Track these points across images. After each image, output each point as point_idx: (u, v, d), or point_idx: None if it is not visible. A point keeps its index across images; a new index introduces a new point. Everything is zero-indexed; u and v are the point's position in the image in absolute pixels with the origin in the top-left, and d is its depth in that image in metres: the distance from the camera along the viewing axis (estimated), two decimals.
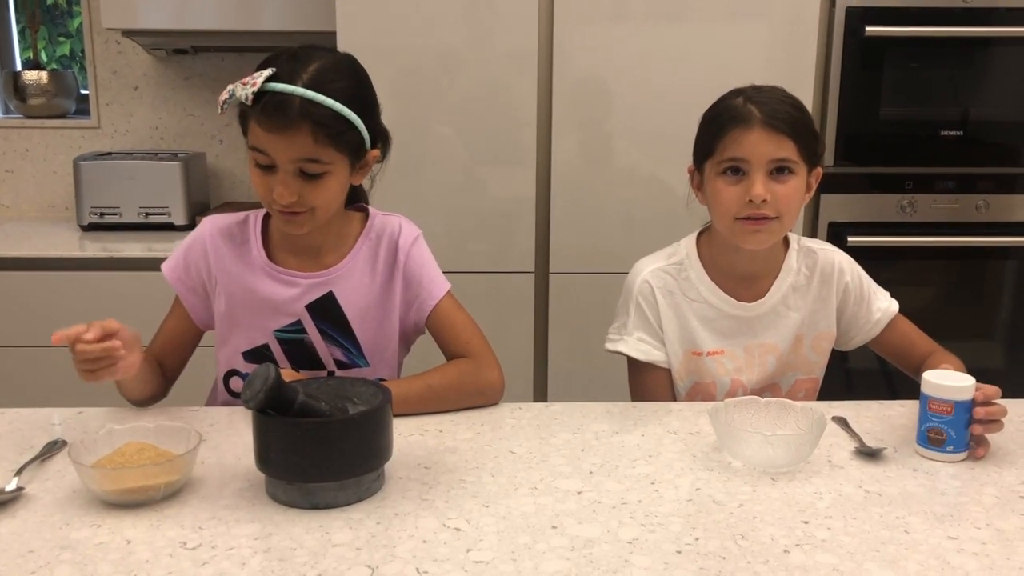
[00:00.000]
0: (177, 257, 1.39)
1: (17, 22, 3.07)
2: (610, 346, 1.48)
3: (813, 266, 1.46)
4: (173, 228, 2.59)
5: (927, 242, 2.37)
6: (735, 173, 1.35)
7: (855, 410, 1.33)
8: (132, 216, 2.59)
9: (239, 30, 2.49)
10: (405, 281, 1.38)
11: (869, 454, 1.17)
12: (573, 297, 2.29)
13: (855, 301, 1.47)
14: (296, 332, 1.36)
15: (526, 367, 2.32)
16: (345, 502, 1.02)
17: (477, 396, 1.34)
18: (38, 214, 2.93)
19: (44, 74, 2.84)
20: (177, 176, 2.59)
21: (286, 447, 1.01)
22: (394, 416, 1.08)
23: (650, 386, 1.46)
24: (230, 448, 1.18)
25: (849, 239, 2.30)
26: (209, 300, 1.38)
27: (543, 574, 0.89)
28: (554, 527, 0.98)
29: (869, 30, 2.25)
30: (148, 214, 2.59)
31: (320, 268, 1.36)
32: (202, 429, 1.17)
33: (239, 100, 1.20)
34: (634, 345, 1.45)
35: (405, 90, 2.19)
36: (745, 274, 1.44)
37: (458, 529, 0.98)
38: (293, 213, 1.27)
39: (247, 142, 1.26)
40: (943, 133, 2.36)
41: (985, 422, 1.16)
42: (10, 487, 1.05)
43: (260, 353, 1.37)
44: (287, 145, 1.21)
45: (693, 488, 1.08)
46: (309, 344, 1.37)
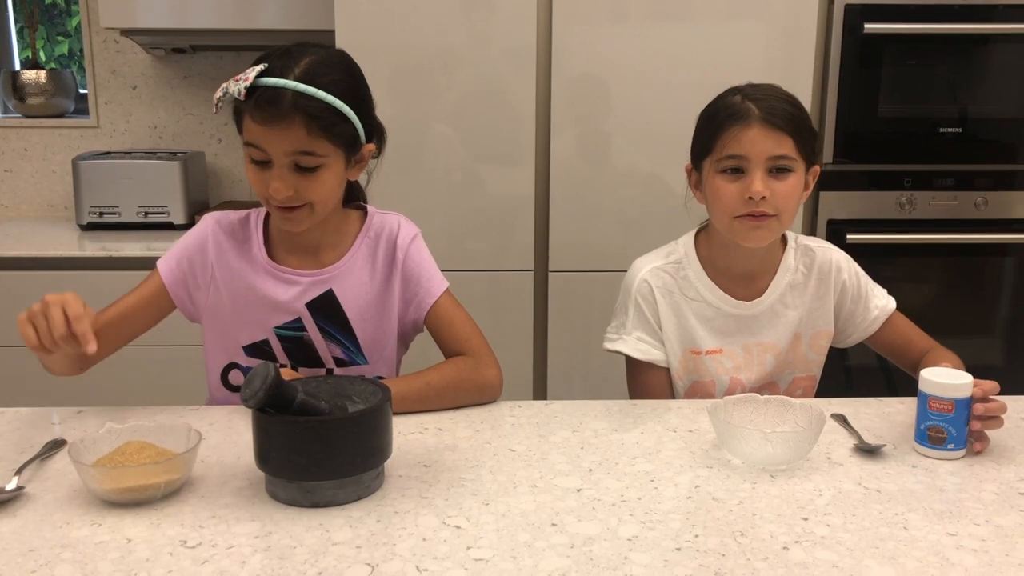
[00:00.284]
0: (176, 254, 1.37)
1: (15, 21, 3.07)
2: (609, 345, 1.48)
3: (811, 264, 1.46)
4: (172, 227, 2.60)
5: (926, 239, 2.38)
6: (734, 171, 1.35)
7: (854, 407, 1.33)
8: (131, 215, 2.59)
9: (237, 29, 2.50)
10: (404, 279, 1.39)
11: (868, 451, 1.18)
12: (572, 295, 2.29)
13: (853, 299, 1.47)
14: (296, 329, 1.36)
15: (525, 365, 2.32)
16: (345, 500, 1.02)
17: (476, 394, 1.34)
18: (37, 214, 2.93)
19: (43, 73, 2.84)
20: (176, 175, 2.59)
21: (286, 446, 1.01)
22: (393, 414, 1.09)
23: (649, 385, 1.46)
24: (230, 447, 1.18)
25: (848, 236, 2.30)
26: (202, 295, 1.37)
27: (543, 572, 0.89)
28: (554, 525, 0.98)
29: (868, 27, 2.25)
30: (147, 213, 2.59)
31: (319, 266, 1.36)
32: (202, 428, 1.17)
33: (232, 96, 1.21)
34: (633, 344, 1.45)
35: (404, 89, 2.19)
36: (743, 273, 1.44)
37: (458, 527, 0.98)
38: (291, 209, 1.27)
39: (242, 139, 1.26)
40: (942, 130, 2.36)
41: (984, 418, 1.16)
42: (10, 486, 1.05)
43: (260, 348, 1.37)
44: (281, 138, 1.21)
45: (692, 485, 1.08)
46: (308, 342, 1.37)
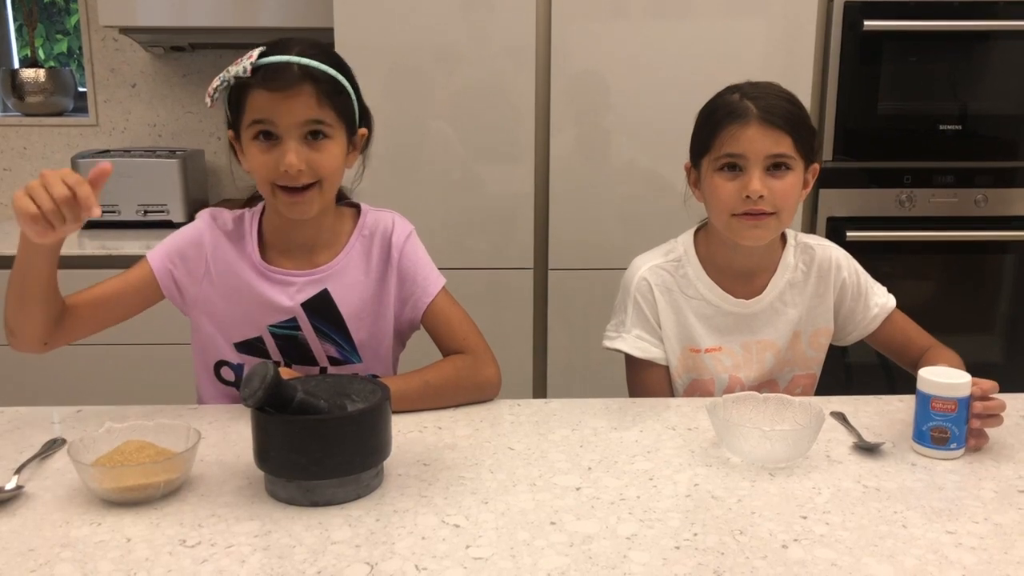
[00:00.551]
0: (168, 246, 1.36)
1: (14, 20, 3.07)
2: (608, 343, 1.48)
3: (810, 262, 1.46)
4: (172, 225, 2.59)
5: (926, 237, 2.37)
6: (732, 169, 1.35)
7: (853, 405, 1.33)
8: (131, 214, 2.59)
9: (236, 27, 2.49)
10: (400, 278, 1.38)
11: (867, 449, 1.18)
12: (572, 293, 2.29)
13: (852, 297, 1.47)
14: (290, 328, 1.36)
15: (525, 363, 2.32)
16: (344, 499, 1.03)
17: (474, 392, 1.34)
18: None
19: (42, 72, 2.84)
20: (175, 173, 2.59)
21: (285, 444, 1.01)
22: (392, 413, 1.08)
23: (648, 383, 1.46)
24: (229, 446, 1.18)
25: (848, 234, 2.30)
26: (194, 288, 1.35)
27: (542, 570, 0.89)
28: (553, 523, 0.98)
29: (867, 24, 2.25)
30: (147, 212, 2.59)
31: (313, 266, 1.36)
32: (201, 427, 1.17)
33: (233, 78, 1.23)
34: (632, 343, 1.45)
35: (403, 86, 2.18)
36: (742, 271, 1.44)
37: (457, 526, 0.98)
38: (299, 191, 1.26)
39: (243, 123, 1.26)
40: (941, 127, 2.36)
41: (984, 416, 1.16)
42: (10, 486, 1.05)
43: (253, 345, 1.37)
44: (292, 107, 1.23)
45: (691, 484, 1.08)
46: (303, 340, 1.37)
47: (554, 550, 0.93)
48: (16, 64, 3.08)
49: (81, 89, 2.96)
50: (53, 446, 1.17)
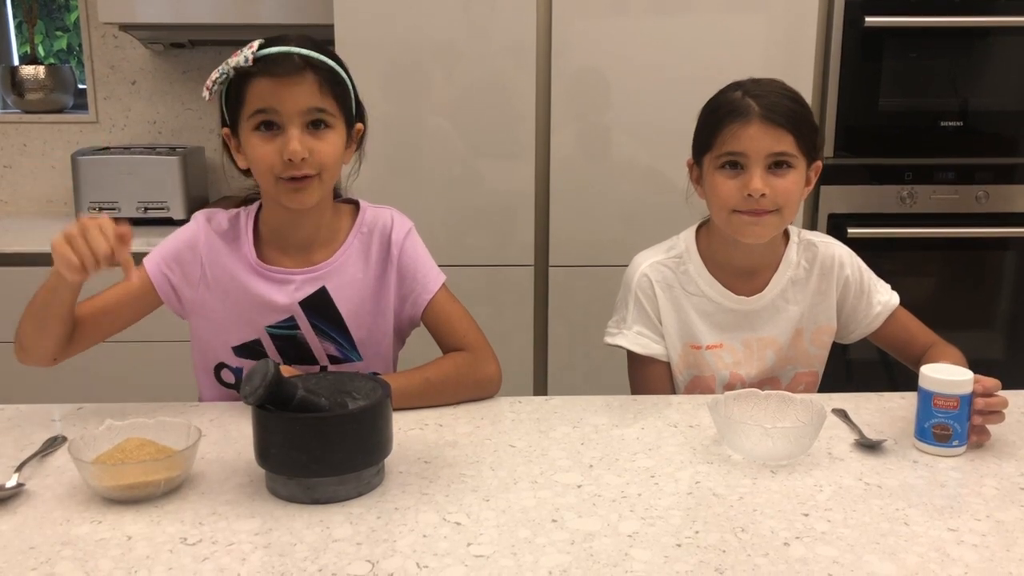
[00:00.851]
0: (164, 250, 1.36)
1: (14, 16, 3.06)
2: (609, 340, 1.48)
3: (813, 259, 1.46)
4: (172, 223, 2.59)
5: (927, 233, 2.37)
6: (733, 167, 1.35)
7: (855, 402, 1.33)
8: (131, 211, 2.58)
9: (236, 24, 2.49)
10: (399, 275, 1.38)
11: (869, 446, 1.17)
12: (573, 290, 2.29)
13: (855, 295, 1.47)
14: (289, 328, 1.35)
15: (526, 361, 2.32)
16: (345, 497, 1.02)
17: (475, 389, 1.34)
18: (36, 209, 2.92)
19: (41, 69, 2.83)
20: (175, 170, 2.59)
21: (286, 442, 1.01)
22: (393, 410, 1.08)
23: (649, 380, 1.46)
24: (230, 444, 1.18)
25: (849, 230, 2.29)
26: (191, 292, 1.35)
27: (543, 568, 0.89)
28: (554, 521, 0.98)
29: (868, 21, 2.24)
30: (147, 209, 2.59)
31: (311, 264, 1.35)
32: (202, 425, 1.17)
33: (236, 66, 1.24)
34: (633, 339, 1.45)
35: (403, 84, 2.18)
36: (744, 268, 1.44)
37: (458, 523, 0.98)
38: (300, 180, 1.26)
39: (243, 114, 1.26)
40: (943, 124, 2.35)
41: (986, 413, 1.16)
42: (10, 483, 1.05)
43: (251, 348, 1.36)
44: (294, 94, 1.23)
45: (693, 481, 1.08)
46: (302, 340, 1.36)
47: (555, 548, 0.93)
48: (16, 61, 3.07)
49: (81, 86, 2.96)
50: (54, 444, 1.17)
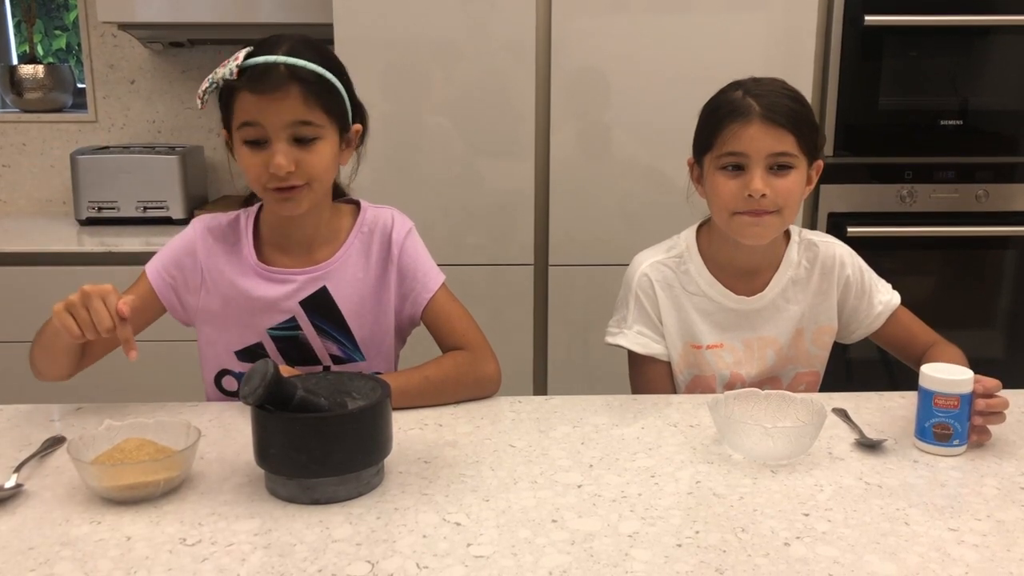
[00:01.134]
0: (164, 257, 1.36)
1: (13, 16, 3.06)
2: (610, 339, 1.48)
3: (814, 259, 1.45)
4: (171, 222, 2.59)
5: (927, 232, 2.37)
6: (734, 167, 1.34)
7: (855, 402, 1.33)
8: (130, 210, 2.58)
9: (235, 23, 2.49)
10: (400, 274, 1.38)
11: (869, 446, 1.17)
12: (572, 290, 2.28)
13: (856, 294, 1.46)
14: (291, 329, 1.35)
15: (526, 360, 2.32)
16: (345, 497, 1.02)
17: (475, 388, 1.34)
18: (36, 209, 2.92)
19: (40, 68, 2.83)
20: (175, 170, 2.59)
21: (285, 442, 1.01)
22: (392, 410, 1.08)
23: (650, 379, 1.46)
24: (229, 444, 1.18)
25: (849, 229, 2.29)
26: (192, 298, 1.36)
27: (543, 568, 0.89)
28: (554, 521, 0.98)
29: (868, 19, 2.24)
30: (146, 208, 2.59)
31: (312, 264, 1.35)
32: (201, 425, 1.16)
33: (222, 80, 1.23)
34: (633, 338, 1.44)
35: (402, 82, 2.18)
36: (745, 268, 1.44)
37: (458, 523, 0.97)
38: (290, 189, 1.26)
39: (233, 125, 1.26)
40: (943, 122, 2.35)
41: (987, 414, 1.16)
42: (9, 484, 1.05)
43: (253, 352, 1.36)
44: (279, 109, 1.22)
45: (693, 481, 1.08)
46: (304, 340, 1.36)
47: (555, 548, 0.93)
48: (15, 60, 3.07)
49: (80, 85, 2.95)
50: (53, 444, 1.17)
